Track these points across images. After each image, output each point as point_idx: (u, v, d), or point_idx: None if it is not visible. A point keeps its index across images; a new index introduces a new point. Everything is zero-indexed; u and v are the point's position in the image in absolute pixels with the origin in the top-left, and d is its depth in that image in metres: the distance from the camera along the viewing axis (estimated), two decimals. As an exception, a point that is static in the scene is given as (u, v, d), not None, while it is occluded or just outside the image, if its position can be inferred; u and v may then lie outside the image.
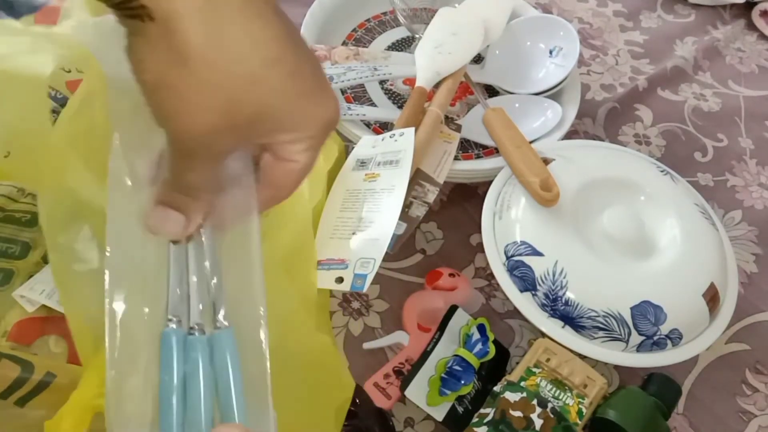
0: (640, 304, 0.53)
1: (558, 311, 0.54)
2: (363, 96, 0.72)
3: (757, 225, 0.72)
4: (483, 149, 0.69)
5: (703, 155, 0.78)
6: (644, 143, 0.78)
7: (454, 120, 0.66)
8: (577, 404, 0.50)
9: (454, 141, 0.63)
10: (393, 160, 0.57)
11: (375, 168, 0.57)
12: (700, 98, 0.84)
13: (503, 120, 0.64)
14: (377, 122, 0.69)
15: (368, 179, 0.57)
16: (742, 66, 0.89)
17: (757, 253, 0.70)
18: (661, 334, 0.54)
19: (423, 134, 0.59)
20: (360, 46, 0.77)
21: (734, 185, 0.75)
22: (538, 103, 0.69)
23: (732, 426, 0.58)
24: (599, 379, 0.52)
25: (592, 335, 0.54)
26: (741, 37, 0.93)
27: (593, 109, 0.79)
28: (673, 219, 0.59)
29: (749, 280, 0.68)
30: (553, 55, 0.72)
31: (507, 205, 0.59)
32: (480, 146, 0.69)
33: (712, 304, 0.56)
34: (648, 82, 0.83)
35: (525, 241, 0.56)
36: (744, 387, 0.60)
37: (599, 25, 0.91)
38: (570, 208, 0.58)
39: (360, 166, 0.58)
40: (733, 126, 0.82)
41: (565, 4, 0.93)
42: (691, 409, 0.58)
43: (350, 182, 0.57)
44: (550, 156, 0.62)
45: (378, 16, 0.80)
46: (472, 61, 0.72)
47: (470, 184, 0.69)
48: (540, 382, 0.51)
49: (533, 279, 0.55)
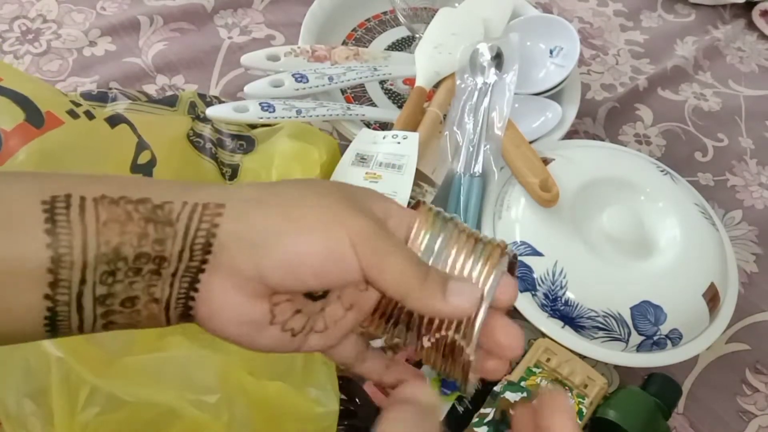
0: (640, 304, 0.53)
1: (558, 311, 0.54)
2: (363, 96, 0.72)
3: (757, 225, 0.72)
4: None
5: (703, 155, 0.78)
6: (644, 143, 0.78)
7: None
8: (578, 404, 0.50)
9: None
10: (395, 164, 0.57)
11: (376, 168, 0.57)
12: (700, 98, 0.84)
13: (503, 120, 0.64)
14: (377, 122, 0.69)
15: (369, 179, 0.57)
16: (742, 65, 0.89)
17: (758, 253, 0.70)
18: (661, 334, 0.54)
19: (422, 134, 0.59)
20: (360, 45, 0.77)
21: (734, 185, 0.75)
22: (538, 103, 0.69)
23: (732, 426, 0.58)
24: (599, 379, 0.52)
25: (592, 335, 0.54)
26: (741, 36, 0.93)
27: (593, 108, 0.79)
28: (673, 219, 0.59)
29: (749, 279, 0.68)
30: (554, 54, 0.72)
31: (507, 205, 0.59)
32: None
33: (712, 304, 0.56)
34: (648, 81, 0.83)
35: (525, 241, 0.56)
36: (744, 387, 0.60)
37: (599, 24, 0.91)
38: (570, 208, 0.58)
39: (360, 162, 0.58)
40: (733, 126, 0.82)
41: (566, 4, 0.93)
42: (691, 409, 0.58)
43: (350, 179, 0.57)
44: (550, 156, 0.62)
45: (378, 16, 0.80)
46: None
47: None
48: (540, 382, 0.51)
49: (533, 279, 0.55)
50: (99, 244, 0.24)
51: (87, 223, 0.24)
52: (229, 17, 0.80)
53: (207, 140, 0.60)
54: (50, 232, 0.24)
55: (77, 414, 0.39)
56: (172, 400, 0.41)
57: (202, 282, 0.26)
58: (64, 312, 0.25)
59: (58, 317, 0.25)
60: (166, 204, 0.26)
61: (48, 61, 0.73)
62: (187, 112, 0.62)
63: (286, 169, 0.57)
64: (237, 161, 0.60)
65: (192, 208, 0.26)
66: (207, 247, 0.26)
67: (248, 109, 0.59)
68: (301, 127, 0.60)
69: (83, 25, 0.76)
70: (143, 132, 0.53)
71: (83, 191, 0.25)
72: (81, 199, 0.25)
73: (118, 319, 0.26)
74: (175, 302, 0.27)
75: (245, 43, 0.78)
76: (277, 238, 0.26)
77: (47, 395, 0.39)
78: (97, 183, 0.26)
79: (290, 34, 0.79)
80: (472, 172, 0.60)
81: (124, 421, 0.40)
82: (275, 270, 0.26)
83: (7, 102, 0.45)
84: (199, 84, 0.73)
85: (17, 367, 0.40)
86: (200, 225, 0.26)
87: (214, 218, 0.26)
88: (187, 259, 0.26)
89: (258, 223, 0.26)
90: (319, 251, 0.26)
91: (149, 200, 0.26)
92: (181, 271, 0.26)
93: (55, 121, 0.46)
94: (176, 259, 0.26)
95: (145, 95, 0.63)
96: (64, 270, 0.24)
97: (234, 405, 0.42)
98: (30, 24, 0.76)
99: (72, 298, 0.24)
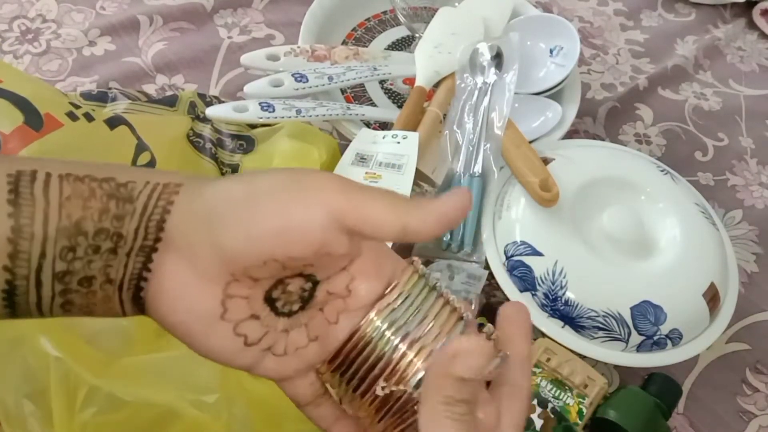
0: (640, 304, 0.53)
1: (558, 311, 0.54)
2: (363, 95, 0.72)
3: (757, 224, 0.72)
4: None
5: (703, 154, 0.78)
6: (645, 142, 0.78)
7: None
8: (578, 404, 0.50)
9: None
10: (395, 163, 0.57)
11: (376, 168, 0.57)
12: (700, 97, 0.84)
13: (503, 119, 0.64)
14: (377, 122, 0.69)
15: (369, 178, 0.57)
16: (742, 65, 0.89)
17: (758, 253, 0.70)
18: (661, 334, 0.54)
19: (422, 134, 0.59)
20: (360, 45, 0.77)
21: (735, 185, 0.75)
22: (538, 102, 0.69)
23: (732, 426, 0.58)
24: (599, 379, 0.52)
25: (592, 335, 0.54)
26: (742, 36, 0.93)
27: (593, 108, 0.79)
28: (673, 218, 0.59)
29: (750, 279, 0.67)
30: (554, 54, 0.72)
31: (507, 205, 0.59)
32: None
33: (713, 303, 0.56)
34: (648, 81, 0.83)
35: (525, 241, 0.56)
36: (744, 387, 0.60)
37: (600, 24, 0.91)
38: (570, 207, 0.57)
39: (360, 162, 0.58)
40: (733, 125, 0.81)
41: (566, 3, 0.93)
42: (691, 409, 0.58)
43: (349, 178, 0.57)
44: (550, 156, 0.62)
45: (378, 15, 0.80)
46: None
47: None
48: (540, 382, 0.51)
49: (533, 279, 0.55)
50: (61, 218, 0.24)
51: (50, 198, 0.24)
52: (229, 17, 0.80)
53: (207, 140, 0.60)
54: (13, 203, 0.24)
55: (76, 414, 0.39)
56: (171, 400, 0.41)
57: (155, 261, 0.26)
58: (23, 286, 0.24)
59: (17, 292, 0.24)
60: (129, 183, 0.26)
61: (47, 60, 0.73)
62: (186, 112, 0.62)
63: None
64: (237, 161, 0.60)
65: (153, 187, 0.26)
66: (161, 224, 0.26)
67: (248, 109, 0.59)
68: (301, 126, 0.60)
69: (83, 25, 0.76)
70: (143, 132, 0.53)
71: (50, 169, 0.25)
72: (47, 174, 0.25)
73: (75, 299, 0.26)
74: (128, 283, 0.26)
75: (245, 42, 0.78)
76: (235, 206, 0.25)
77: (46, 395, 0.39)
78: (66, 164, 0.26)
79: (290, 33, 0.79)
80: (471, 172, 0.60)
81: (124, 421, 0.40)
82: (234, 240, 0.25)
83: (6, 104, 0.45)
84: (198, 84, 0.73)
85: (16, 367, 0.40)
86: (158, 202, 0.26)
87: (171, 195, 0.26)
88: (141, 238, 0.25)
89: (214, 197, 0.26)
90: (281, 210, 0.25)
91: (113, 179, 0.26)
92: (136, 249, 0.25)
93: (55, 123, 0.46)
94: (132, 237, 0.25)
95: (145, 95, 0.63)
96: (24, 241, 0.24)
97: (233, 405, 0.42)
98: (29, 24, 0.76)
99: (31, 272, 0.24)
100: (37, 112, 0.46)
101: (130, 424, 0.41)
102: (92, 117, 0.49)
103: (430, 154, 0.61)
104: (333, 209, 0.26)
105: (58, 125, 0.46)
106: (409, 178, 0.56)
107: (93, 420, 0.39)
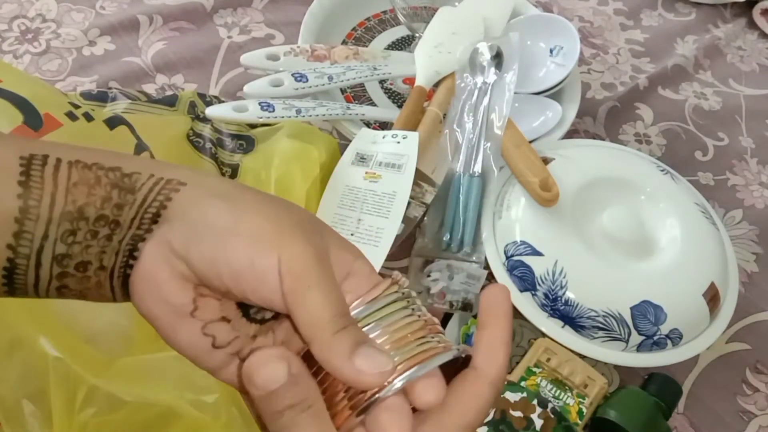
0: (640, 304, 0.53)
1: (558, 311, 0.54)
2: (363, 95, 0.72)
3: (757, 224, 0.72)
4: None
5: (703, 154, 0.78)
6: (645, 142, 0.78)
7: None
8: (578, 404, 0.50)
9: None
10: (395, 163, 0.57)
11: (376, 167, 0.57)
12: (700, 97, 0.84)
13: (503, 119, 0.64)
14: (377, 121, 0.69)
15: (369, 178, 0.57)
16: (742, 65, 0.89)
17: (758, 253, 0.69)
18: (661, 334, 0.54)
19: (422, 134, 0.59)
20: (360, 45, 0.77)
21: (735, 184, 0.75)
22: (538, 102, 0.69)
23: (732, 426, 0.58)
24: (599, 378, 0.52)
25: (592, 335, 0.54)
26: (742, 35, 0.93)
27: (594, 108, 0.79)
28: (673, 218, 0.59)
29: (750, 279, 0.67)
30: (554, 54, 0.72)
31: (507, 204, 0.59)
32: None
33: (713, 303, 0.56)
34: (649, 80, 0.83)
35: (525, 241, 0.56)
36: (744, 386, 0.60)
37: (600, 23, 0.91)
38: (570, 207, 0.57)
39: (360, 162, 0.58)
40: (733, 125, 0.81)
41: (566, 3, 0.93)
42: (691, 409, 0.58)
43: (349, 178, 0.57)
44: (550, 155, 0.62)
45: (378, 15, 0.80)
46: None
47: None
48: (540, 382, 0.51)
49: (533, 279, 0.55)
50: (66, 203, 0.25)
51: (58, 182, 0.25)
52: (229, 16, 0.80)
53: (207, 140, 0.60)
54: (23, 184, 0.25)
55: (76, 414, 0.39)
56: (171, 400, 0.41)
57: (140, 251, 0.27)
58: (23, 266, 0.25)
59: (17, 270, 0.25)
60: (134, 174, 0.27)
61: (47, 60, 0.73)
62: (186, 111, 0.62)
63: (285, 168, 0.57)
64: (237, 161, 0.60)
65: (156, 181, 0.27)
66: (155, 217, 0.26)
67: (248, 109, 0.58)
68: (301, 126, 0.60)
69: (82, 25, 0.76)
70: (142, 132, 0.53)
71: (61, 154, 0.26)
72: (57, 160, 0.26)
73: (71, 283, 0.26)
74: (118, 270, 0.27)
75: (245, 42, 0.78)
76: (213, 233, 0.26)
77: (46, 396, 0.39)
78: (77, 150, 0.27)
79: (290, 33, 0.79)
80: (471, 172, 0.60)
81: (123, 421, 0.40)
82: (199, 260, 0.26)
83: (5, 104, 0.45)
84: (198, 83, 0.73)
85: (16, 367, 0.40)
86: (157, 197, 0.27)
87: (171, 192, 0.27)
88: (135, 227, 0.26)
89: (205, 212, 0.26)
90: (244, 260, 0.25)
91: (120, 169, 0.27)
92: (128, 237, 0.26)
93: (54, 123, 0.46)
94: (127, 226, 0.26)
95: (145, 95, 0.63)
96: (29, 222, 0.25)
97: (233, 405, 0.42)
98: (29, 23, 0.76)
99: (32, 252, 0.25)
100: (37, 112, 0.46)
101: (130, 424, 0.41)
102: (91, 117, 0.49)
103: (430, 154, 0.61)
104: (284, 282, 0.25)
105: (58, 125, 0.46)
106: (409, 177, 0.56)
107: (93, 420, 0.39)
